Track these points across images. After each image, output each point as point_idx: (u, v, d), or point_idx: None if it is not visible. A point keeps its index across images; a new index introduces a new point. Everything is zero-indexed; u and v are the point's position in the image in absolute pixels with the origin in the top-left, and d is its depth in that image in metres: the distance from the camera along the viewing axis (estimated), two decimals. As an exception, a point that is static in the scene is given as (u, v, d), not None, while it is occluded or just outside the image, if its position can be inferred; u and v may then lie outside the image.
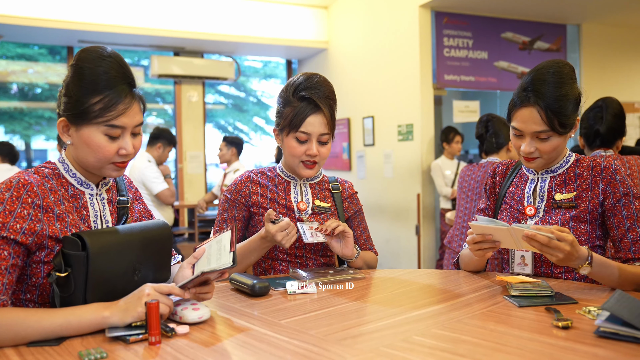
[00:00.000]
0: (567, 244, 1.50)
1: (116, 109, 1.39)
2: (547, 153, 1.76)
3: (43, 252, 1.36)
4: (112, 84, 1.39)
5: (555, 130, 1.71)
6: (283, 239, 1.77)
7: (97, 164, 1.44)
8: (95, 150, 1.41)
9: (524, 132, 1.76)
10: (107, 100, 1.38)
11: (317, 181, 2.08)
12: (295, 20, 7.32)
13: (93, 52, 1.40)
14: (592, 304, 1.42)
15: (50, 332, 1.21)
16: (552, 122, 1.70)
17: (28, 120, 9.37)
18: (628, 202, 1.72)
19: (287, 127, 1.91)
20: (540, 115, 1.70)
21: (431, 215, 5.93)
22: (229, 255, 1.44)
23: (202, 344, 1.21)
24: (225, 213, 2.01)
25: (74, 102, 1.39)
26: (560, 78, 1.71)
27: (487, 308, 1.45)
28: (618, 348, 1.11)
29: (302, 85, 1.90)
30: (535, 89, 1.72)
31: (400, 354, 1.11)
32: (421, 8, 5.76)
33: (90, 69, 1.38)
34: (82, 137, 1.41)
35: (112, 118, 1.39)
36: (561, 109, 1.69)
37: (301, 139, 1.90)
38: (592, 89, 6.76)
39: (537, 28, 6.54)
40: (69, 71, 1.42)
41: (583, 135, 2.97)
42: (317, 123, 1.89)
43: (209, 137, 8.36)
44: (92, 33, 6.35)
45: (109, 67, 1.40)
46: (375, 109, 6.57)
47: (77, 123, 1.40)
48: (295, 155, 1.92)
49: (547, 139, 1.73)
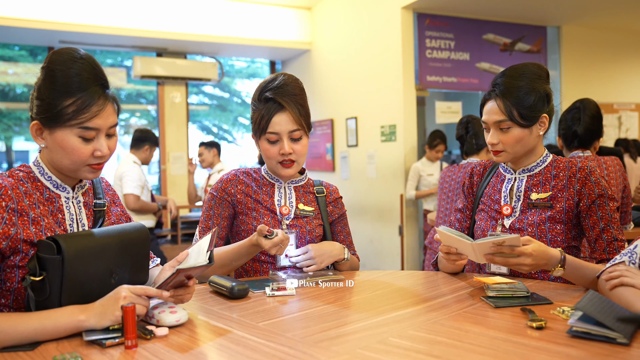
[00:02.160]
0: (526, 257, 1.54)
1: (89, 110, 1.38)
2: (510, 145, 1.82)
3: (18, 257, 1.34)
4: (85, 85, 1.38)
5: (514, 121, 1.79)
6: (277, 252, 1.79)
7: (72, 166, 1.42)
8: (70, 153, 1.40)
9: (488, 124, 1.85)
10: (79, 103, 1.37)
11: (302, 184, 2.08)
12: (278, 21, 7.31)
13: (65, 54, 1.39)
14: (566, 304, 1.44)
15: (25, 337, 1.20)
16: (511, 112, 1.78)
17: (7, 121, 9.25)
18: (603, 204, 1.75)
19: (258, 130, 1.92)
20: (499, 106, 1.80)
21: (414, 216, 5.96)
22: (206, 255, 1.46)
23: (179, 348, 1.21)
24: (212, 210, 2.00)
25: (47, 105, 1.38)
26: (523, 73, 1.81)
27: (464, 309, 1.46)
28: (590, 348, 1.12)
29: (267, 87, 1.90)
30: (497, 83, 1.83)
31: (375, 355, 1.12)
32: (403, 9, 5.79)
33: (62, 71, 1.37)
34: (56, 140, 1.40)
35: (86, 120, 1.38)
36: (519, 99, 1.78)
37: (271, 140, 1.90)
38: (572, 90, 6.84)
39: (518, 30, 6.60)
40: (40, 74, 1.40)
41: (562, 136, 3.01)
42: (283, 121, 1.88)
43: (193, 139, 8.32)
44: (73, 34, 6.29)
45: (81, 69, 1.39)
46: (359, 109, 6.59)
47: (51, 126, 1.39)
48: (270, 157, 1.93)
49: (508, 129, 1.81)
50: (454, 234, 1.64)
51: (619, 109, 7.57)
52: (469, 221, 2.00)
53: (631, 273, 1.40)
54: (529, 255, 1.53)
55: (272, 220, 1.97)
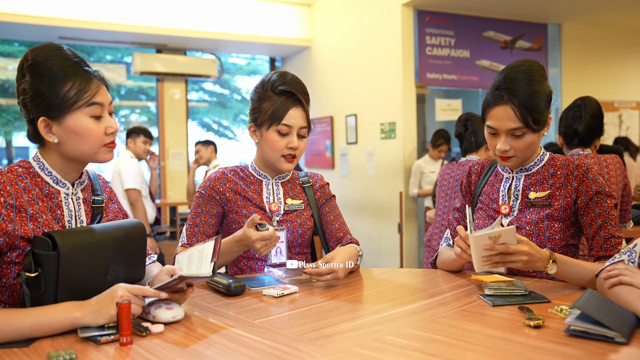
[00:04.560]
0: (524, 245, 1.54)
1: (90, 88, 1.43)
2: (522, 151, 1.78)
3: (14, 253, 1.34)
4: (77, 69, 1.43)
5: (529, 127, 1.73)
6: (261, 248, 1.72)
7: (90, 150, 1.45)
8: (86, 136, 1.43)
9: (499, 130, 1.77)
10: (78, 84, 1.41)
11: (288, 179, 2.08)
12: (278, 18, 7.30)
13: (44, 48, 1.43)
14: (564, 303, 1.44)
15: (20, 334, 1.20)
16: (526, 119, 1.72)
17: (6, 116, 9.25)
18: (600, 201, 1.74)
19: (268, 120, 1.92)
20: (515, 112, 1.72)
21: (413, 213, 5.95)
22: (210, 265, 1.46)
23: (174, 344, 1.20)
24: (199, 208, 1.98)
25: (48, 98, 1.39)
26: (532, 75, 1.74)
27: (462, 307, 1.46)
28: (587, 347, 1.12)
29: (279, 81, 1.93)
30: (508, 87, 1.73)
31: (371, 353, 1.12)
32: (404, 6, 5.77)
33: (52, 60, 1.40)
34: (69, 128, 1.41)
35: (91, 97, 1.43)
36: (534, 105, 1.72)
37: (283, 132, 1.92)
38: (573, 87, 6.83)
39: (518, 27, 6.58)
40: (26, 75, 1.41)
41: (562, 134, 2.99)
42: (298, 116, 1.92)
43: (192, 135, 8.31)
44: (73, 30, 6.28)
45: (67, 55, 1.43)
46: (358, 107, 6.58)
47: (59, 116, 1.41)
48: (276, 149, 1.93)
49: (521, 136, 1.75)
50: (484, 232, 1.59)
51: (619, 107, 7.56)
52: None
53: (630, 272, 1.39)
54: (527, 251, 1.54)
55: (263, 217, 1.98)
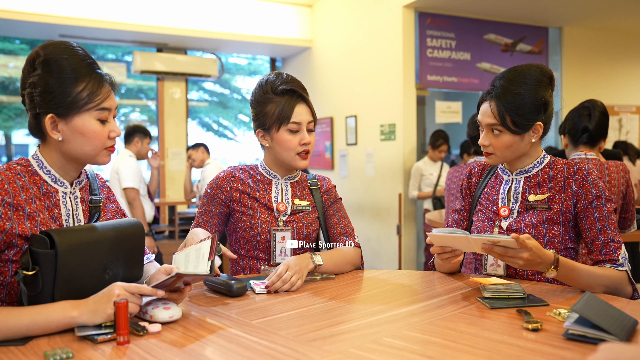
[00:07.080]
0: (525, 252, 1.51)
1: (101, 92, 1.43)
2: (500, 150, 1.80)
3: (12, 251, 1.34)
4: (90, 70, 1.42)
5: (506, 127, 1.75)
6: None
7: (92, 151, 1.45)
8: (91, 138, 1.43)
9: (482, 124, 1.83)
10: (91, 86, 1.41)
11: (297, 180, 2.09)
12: (279, 19, 7.30)
13: (60, 44, 1.41)
14: (563, 306, 1.43)
15: (16, 332, 1.20)
16: (503, 118, 1.75)
17: (7, 112, 9.25)
18: (600, 205, 1.74)
19: (277, 122, 1.93)
20: (492, 109, 1.77)
21: (412, 215, 5.95)
22: (207, 264, 1.46)
23: (171, 344, 1.20)
24: (204, 208, 2.02)
25: (59, 95, 1.39)
26: (524, 78, 1.75)
27: (460, 310, 1.45)
28: (585, 351, 1.11)
29: (278, 81, 1.94)
30: (495, 85, 1.79)
31: (368, 355, 1.11)
32: (405, 8, 5.77)
33: (67, 59, 1.39)
34: (76, 128, 1.41)
35: (102, 101, 1.43)
36: (514, 106, 1.74)
37: (293, 130, 1.94)
38: (573, 91, 6.83)
39: (519, 30, 6.59)
40: (37, 69, 1.39)
41: (568, 133, 2.98)
42: (304, 112, 1.95)
43: (192, 134, 8.31)
44: (73, 28, 6.27)
45: (83, 55, 1.43)
46: (358, 108, 6.58)
47: (67, 115, 1.40)
48: (291, 148, 1.95)
49: (499, 134, 1.78)
50: (445, 233, 1.64)
51: (619, 111, 7.56)
52: (466, 222, 1.99)
53: None
54: (530, 249, 1.50)
55: (269, 217, 1.98)
